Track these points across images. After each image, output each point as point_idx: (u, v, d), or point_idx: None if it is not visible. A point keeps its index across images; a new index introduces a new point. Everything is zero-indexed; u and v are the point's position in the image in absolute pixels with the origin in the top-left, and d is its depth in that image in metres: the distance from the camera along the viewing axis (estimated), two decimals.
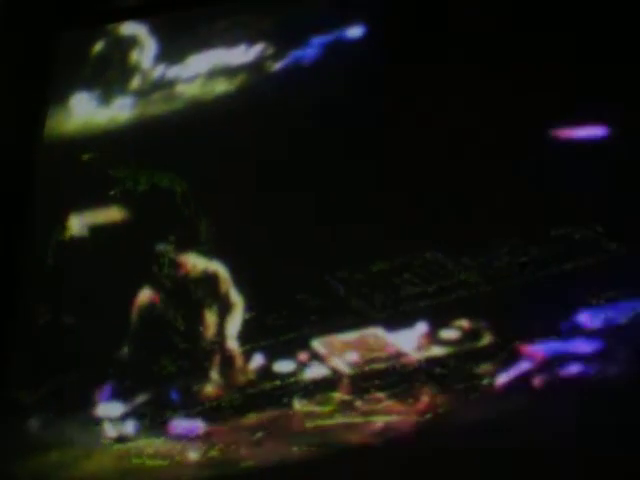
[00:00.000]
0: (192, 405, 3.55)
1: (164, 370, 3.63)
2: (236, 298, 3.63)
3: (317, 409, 3.41)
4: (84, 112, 4.23)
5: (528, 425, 3.16)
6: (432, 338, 3.38)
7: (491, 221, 3.44)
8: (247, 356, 3.55)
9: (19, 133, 4.21)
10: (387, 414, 3.33)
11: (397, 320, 3.44)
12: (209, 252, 3.73)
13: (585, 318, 3.23)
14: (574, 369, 3.19)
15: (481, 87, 3.63)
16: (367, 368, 3.42)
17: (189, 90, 4.11)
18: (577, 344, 3.21)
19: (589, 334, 3.22)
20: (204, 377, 3.57)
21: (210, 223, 3.77)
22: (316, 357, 3.47)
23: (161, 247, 3.80)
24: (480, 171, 3.51)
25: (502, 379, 3.26)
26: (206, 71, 4.10)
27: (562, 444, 3.09)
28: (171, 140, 4.00)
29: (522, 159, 3.49)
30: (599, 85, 3.50)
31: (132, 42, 4.28)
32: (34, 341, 3.83)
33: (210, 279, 3.70)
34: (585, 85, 3.53)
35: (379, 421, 3.33)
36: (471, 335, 3.34)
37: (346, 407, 3.38)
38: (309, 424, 3.40)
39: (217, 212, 3.79)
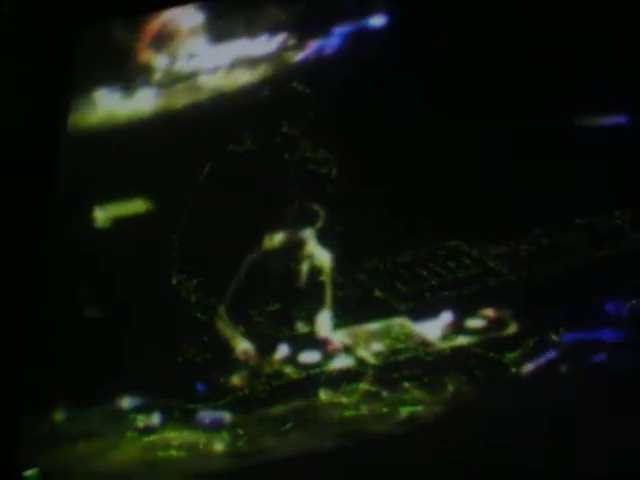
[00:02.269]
0: (218, 396, 3.56)
1: (189, 361, 3.64)
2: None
3: (343, 399, 3.41)
4: (107, 105, 4.24)
5: (555, 413, 3.14)
6: (458, 327, 3.37)
7: (516, 210, 3.43)
8: (273, 347, 3.56)
9: (42, 127, 4.22)
10: (413, 404, 3.33)
11: (422, 310, 3.44)
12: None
13: (611, 307, 3.22)
14: (601, 358, 3.18)
15: (506, 73, 3.61)
16: (392, 358, 3.42)
17: (211, 81, 4.11)
18: (603, 333, 3.20)
19: (615, 323, 3.20)
20: (230, 368, 3.58)
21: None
22: (342, 348, 3.48)
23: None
24: (505, 161, 3.49)
25: (528, 368, 3.25)
26: (228, 62, 4.10)
27: (589, 432, 3.08)
28: (194, 130, 4.00)
29: (547, 149, 3.46)
30: (621, 75, 3.48)
31: (154, 35, 4.29)
32: (60, 334, 3.85)
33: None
34: (607, 75, 3.50)
35: (405, 411, 3.33)
36: (497, 324, 3.33)
37: (372, 397, 3.39)
38: (335, 414, 3.40)
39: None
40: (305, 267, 3.62)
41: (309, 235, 3.65)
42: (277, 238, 3.69)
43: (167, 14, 4.30)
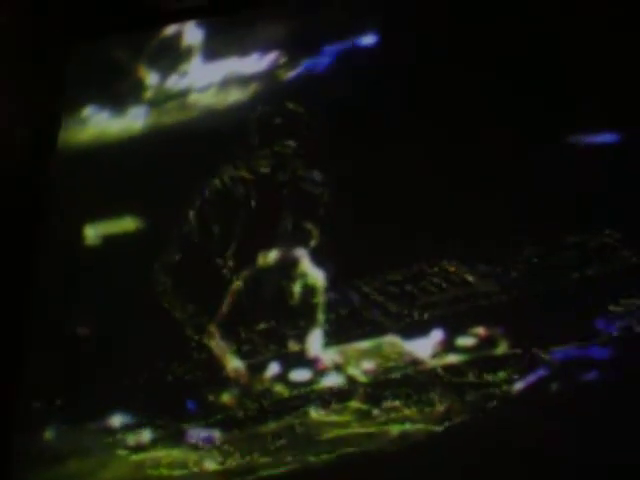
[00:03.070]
0: (209, 414, 3.55)
1: (180, 379, 3.63)
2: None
3: (334, 418, 3.41)
4: (98, 123, 4.24)
5: (545, 432, 3.15)
6: (448, 346, 3.38)
7: (507, 229, 3.44)
8: (264, 365, 3.55)
9: (32, 144, 4.21)
10: (403, 422, 3.33)
11: (413, 328, 3.44)
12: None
13: (602, 325, 3.22)
14: (591, 376, 3.18)
15: (496, 93, 3.64)
16: (383, 376, 3.42)
17: (202, 99, 4.12)
18: (594, 351, 3.21)
19: (606, 341, 3.21)
20: (220, 386, 3.57)
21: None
22: (332, 366, 3.47)
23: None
24: (495, 180, 3.51)
25: (519, 386, 3.25)
26: (219, 80, 4.11)
27: (580, 451, 3.08)
28: (185, 148, 4.01)
29: (537, 168, 3.48)
30: (612, 91, 3.50)
31: (145, 52, 4.29)
32: (49, 351, 3.83)
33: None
34: (598, 91, 3.52)
35: (395, 430, 3.33)
36: (487, 343, 3.34)
37: (362, 416, 3.38)
38: (326, 433, 3.39)
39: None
40: (297, 285, 3.62)
41: (302, 254, 3.66)
42: (270, 256, 3.69)
43: (159, 32, 4.31)
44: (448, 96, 3.70)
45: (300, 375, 3.49)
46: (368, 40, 3.93)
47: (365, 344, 3.47)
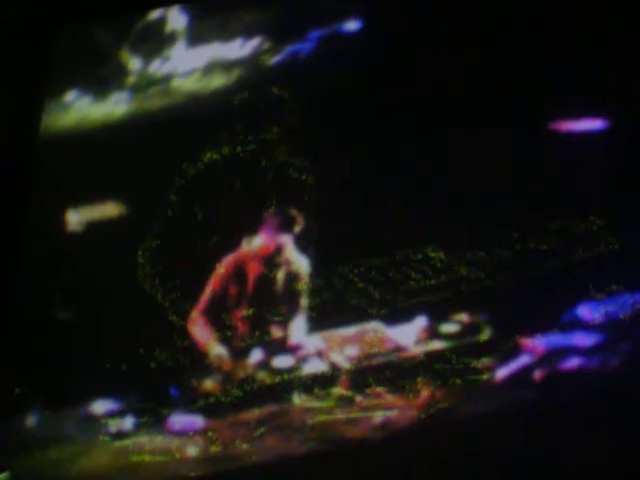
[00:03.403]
0: (192, 401, 3.54)
1: (162, 366, 3.62)
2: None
3: (317, 404, 3.40)
4: (80, 107, 4.22)
5: (528, 419, 3.15)
6: (432, 332, 3.37)
7: (490, 216, 3.44)
8: (247, 352, 3.54)
9: (15, 130, 4.19)
10: (387, 409, 3.33)
11: (396, 315, 3.44)
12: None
13: (585, 311, 3.23)
14: (574, 362, 3.19)
15: (481, 80, 3.63)
16: (366, 363, 3.41)
17: (186, 85, 4.10)
18: (577, 337, 3.21)
19: (589, 327, 3.22)
20: (203, 372, 3.56)
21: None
22: (316, 352, 3.47)
23: None
24: (479, 166, 3.50)
25: (502, 373, 3.26)
26: (203, 65, 4.09)
27: (562, 439, 3.09)
28: (168, 134, 3.99)
29: (521, 153, 3.48)
30: (597, 78, 3.50)
31: (127, 37, 4.27)
32: (32, 337, 3.82)
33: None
34: (584, 78, 3.52)
35: (379, 416, 3.33)
36: (471, 329, 3.34)
37: (346, 402, 3.38)
38: (309, 419, 3.39)
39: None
40: (281, 272, 3.61)
41: (286, 240, 3.65)
42: (254, 242, 3.68)
43: (142, 17, 4.28)
44: (433, 81, 3.70)
45: (283, 362, 3.49)
46: (352, 25, 3.91)
47: (348, 330, 3.47)
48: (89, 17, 4.37)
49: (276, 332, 3.54)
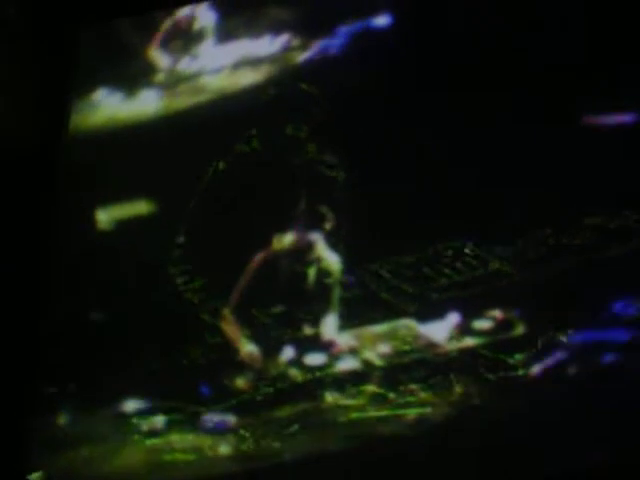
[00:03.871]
0: (223, 399, 3.54)
1: (194, 363, 3.62)
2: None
3: (349, 402, 3.39)
4: (109, 106, 4.23)
5: (562, 416, 3.12)
6: (464, 329, 3.35)
7: (524, 210, 3.42)
8: (278, 349, 3.54)
9: (45, 129, 4.21)
10: (420, 406, 3.31)
11: (429, 311, 3.42)
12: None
13: (621, 307, 3.20)
14: (610, 358, 3.16)
15: (513, 74, 3.61)
16: (398, 360, 3.40)
17: (214, 82, 4.10)
18: (612, 333, 3.18)
19: (624, 323, 3.19)
20: (235, 370, 3.56)
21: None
22: (348, 350, 3.46)
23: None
24: (512, 161, 3.49)
25: (536, 369, 3.23)
26: (232, 62, 4.09)
27: (597, 434, 3.06)
28: (198, 131, 3.99)
29: (554, 148, 3.46)
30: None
31: (157, 35, 4.27)
32: (64, 336, 3.83)
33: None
34: (616, 73, 3.50)
35: (412, 413, 3.31)
36: (504, 325, 3.32)
37: (378, 399, 3.36)
38: (341, 417, 3.38)
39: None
40: (312, 269, 3.60)
41: (317, 237, 3.64)
42: (285, 239, 3.67)
43: (170, 15, 4.29)
44: (462, 77, 3.68)
45: (315, 359, 3.48)
46: (381, 20, 3.91)
47: (380, 327, 3.45)
48: (117, 15, 4.38)
49: (308, 329, 3.53)
